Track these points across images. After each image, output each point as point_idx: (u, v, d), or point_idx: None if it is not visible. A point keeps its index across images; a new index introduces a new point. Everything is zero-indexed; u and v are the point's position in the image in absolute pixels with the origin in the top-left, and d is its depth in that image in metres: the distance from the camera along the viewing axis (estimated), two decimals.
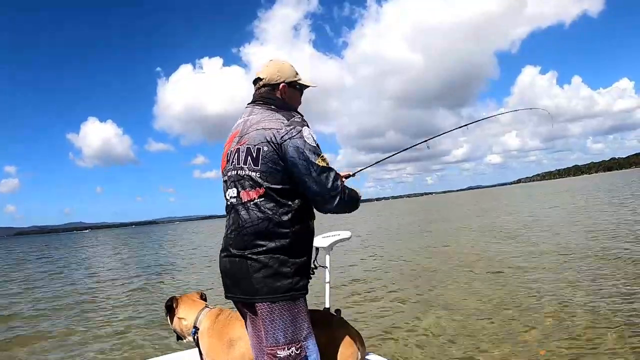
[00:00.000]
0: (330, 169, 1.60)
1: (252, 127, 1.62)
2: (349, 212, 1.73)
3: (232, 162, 1.65)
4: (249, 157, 1.58)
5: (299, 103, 1.83)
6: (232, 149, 1.67)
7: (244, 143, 1.62)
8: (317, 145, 1.59)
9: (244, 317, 1.78)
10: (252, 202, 1.56)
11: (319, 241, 2.40)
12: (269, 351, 1.58)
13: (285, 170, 1.56)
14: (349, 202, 1.68)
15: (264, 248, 1.54)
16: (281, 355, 1.55)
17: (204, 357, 2.04)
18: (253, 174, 1.56)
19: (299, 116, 1.65)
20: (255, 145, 1.57)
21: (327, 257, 2.50)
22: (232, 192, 1.63)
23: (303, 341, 1.59)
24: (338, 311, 2.26)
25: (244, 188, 1.59)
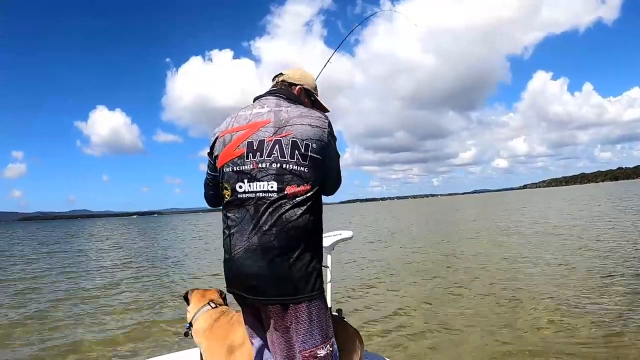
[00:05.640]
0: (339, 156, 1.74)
1: (293, 120, 1.55)
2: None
3: (269, 153, 1.51)
4: (297, 151, 1.50)
5: None
6: (265, 139, 1.54)
7: (286, 135, 1.52)
8: None
9: (260, 323, 1.64)
10: (298, 198, 1.48)
11: None
12: (308, 354, 1.51)
13: (324, 166, 1.57)
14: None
15: (306, 245, 1.50)
16: (321, 355, 1.52)
17: (203, 357, 2.01)
18: (302, 169, 1.50)
19: (328, 116, 1.69)
20: (303, 140, 1.51)
21: (329, 256, 2.51)
22: (268, 185, 1.49)
23: (332, 337, 1.59)
24: (339, 311, 2.27)
25: (290, 183, 1.48)
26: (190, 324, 2.09)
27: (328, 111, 1.85)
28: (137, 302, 7.41)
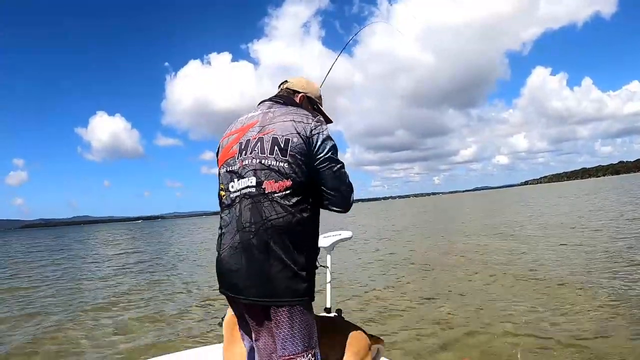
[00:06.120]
0: (344, 164, 1.63)
1: (277, 118, 1.57)
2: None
3: (251, 150, 1.53)
4: (276, 147, 1.49)
5: None
6: (250, 138, 1.57)
7: (268, 132, 1.54)
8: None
9: (248, 323, 1.60)
10: (277, 194, 1.45)
11: (320, 241, 2.39)
12: None
13: (310, 163, 1.52)
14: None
15: (287, 246, 1.44)
16: None
17: None
18: (281, 164, 1.47)
19: (321, 116, 1.66)
20: (283, 136, 1.50)
21: (329, 256, 2.51)
22: (248, 181, 1.50)
23: (315, 347, 1.52)
24: (339, 311, 2.26)
25: (267, 178, 1.47)
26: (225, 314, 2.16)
27: (331, 122, 1.84)
28: (162, 307, 7.32)
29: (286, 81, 1.85)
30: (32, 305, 8.22)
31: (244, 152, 1.56)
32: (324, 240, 2.46)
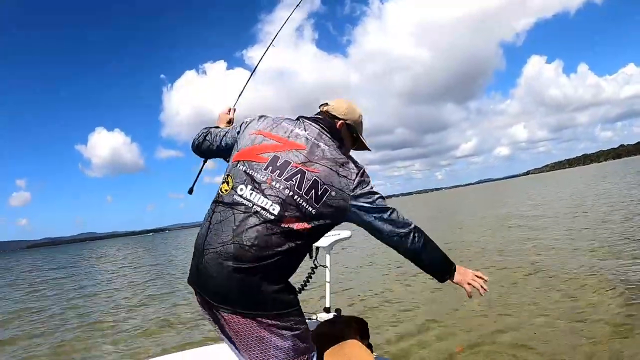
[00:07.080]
0: (395, 209, 1.59)
1: (324, 161, 1.53)
2: (432, 257, 1.65)
3: (288, 177, 1.49)
4: (313, 191, 1.47)
5: (349, 150, 1.80)
6: (291, 162, 1.52)
7: (312, 171, 1.50)
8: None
9: (237, 334, 1.48)
10: (292, 232, 1.43)
11: (319, 241, 2.41)
12: None
13: (341, 216, 1.53)
14: (427, 241, 1.63)
15: (283, 268, 1.44)
16: None
17: None
18: (309, 209, 1.46)
19: (364, 169, 1.61)
20: (324, 184, 1.48)
21: (327, 256, 2.52)
22: (270, 206, 1.44)
23: (308, 352, 1.51)
24: (338, 310, 2.27)
25: (290, 215, 1.44)
26: None
27: (369, 150, 1.85)
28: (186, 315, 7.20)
29: (327, 104, 1.79)
30: (65, 326, 7.91)
31: (278, 172, 1.50)
32: (323, 240, 2.46)
